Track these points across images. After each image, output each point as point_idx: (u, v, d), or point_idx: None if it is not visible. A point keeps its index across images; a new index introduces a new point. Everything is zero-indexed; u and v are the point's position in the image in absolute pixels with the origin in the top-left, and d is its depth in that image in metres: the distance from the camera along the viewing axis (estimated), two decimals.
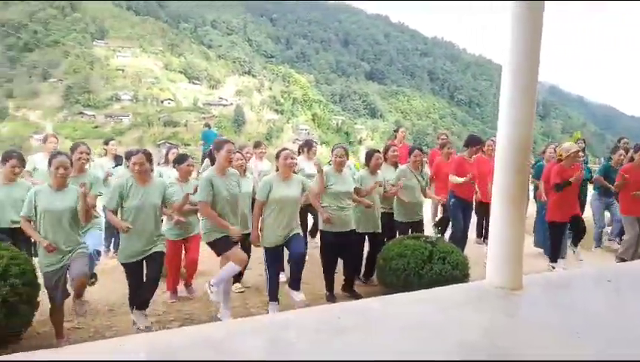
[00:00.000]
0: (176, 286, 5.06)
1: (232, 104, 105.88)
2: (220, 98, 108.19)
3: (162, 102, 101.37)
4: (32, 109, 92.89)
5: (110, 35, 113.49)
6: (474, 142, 6.53)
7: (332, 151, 5.16)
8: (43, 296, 3.92)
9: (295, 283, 4.52)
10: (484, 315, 3.45)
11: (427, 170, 6.61)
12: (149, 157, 4.21)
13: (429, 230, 6.35)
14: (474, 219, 6.99)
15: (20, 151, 4.81)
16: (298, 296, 4.47)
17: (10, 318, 3.40)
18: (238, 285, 5.24)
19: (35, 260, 4.05)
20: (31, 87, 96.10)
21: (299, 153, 6.31)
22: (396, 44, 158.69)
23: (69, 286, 3.95)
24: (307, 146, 6.32)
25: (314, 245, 6.10)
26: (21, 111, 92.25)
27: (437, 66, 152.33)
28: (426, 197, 6.02)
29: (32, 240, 4.30)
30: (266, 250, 4.53)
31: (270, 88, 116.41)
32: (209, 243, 4.33)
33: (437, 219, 7.43)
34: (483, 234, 7.56)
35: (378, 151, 5.61)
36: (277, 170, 4.70)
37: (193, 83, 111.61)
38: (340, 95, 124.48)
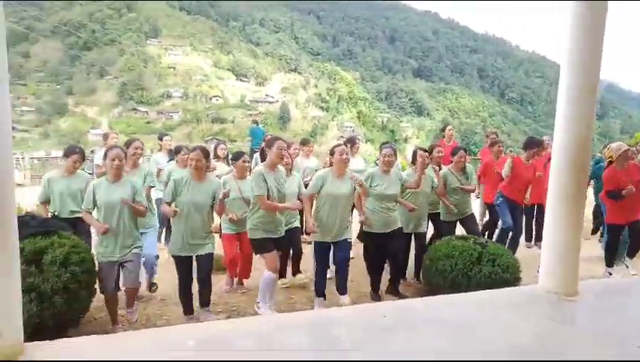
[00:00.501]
0: (233, 278, 5.23)
1: (277, 101, 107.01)
2: (267, 95, 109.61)
3: (211, 99, 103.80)
4: (89, 105, 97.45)
5: (163, 33, 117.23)
6: (533, 145, 6.27)
7: (380, 151, 5.05)
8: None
9: (342, 287, 4.58)
10: (535, 320, 3.33)
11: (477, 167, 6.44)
12: (205, 153, 4.29)
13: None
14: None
15: (81, 147, 5.04)
16: (345, 300, 4.53)
17: (70, 304, 3.58)
18: (283, 280, 5.31)
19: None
20: (89, 84, 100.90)
21: None
22: (445, 41, 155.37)
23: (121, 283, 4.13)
24: (351, 143, 6.31)
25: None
26: (80, 107, 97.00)
27: (487, 63, 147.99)
28: (465, 191, 5.87)
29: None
30: (316, 245, 4.55)
31: (316, 85, 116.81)
32: (251, 240, 4.43)
33: (484, 220, 7.25)
34: (533, 236, 7.33)
35: (425, 150, 5.52)
36: (329, 165, 4.73)
37: (241, 80, 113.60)
38: (385, 92, 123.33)
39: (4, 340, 2.73)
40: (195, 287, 4.32)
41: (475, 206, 6.76)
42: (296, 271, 5.39)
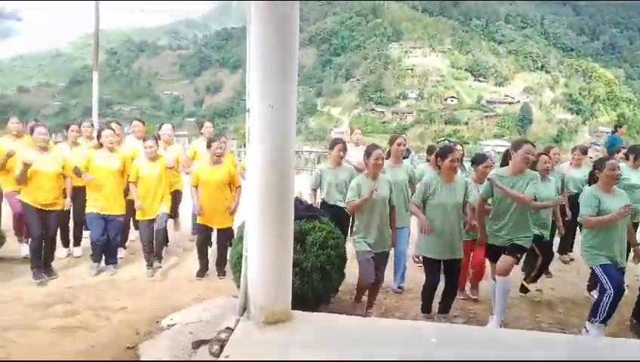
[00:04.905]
0: (463, 284, 5.06)
1: (518, 102, 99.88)
2: (506, 96, 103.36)
3: (446, 99, 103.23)
4: (334, 106, 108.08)
5: (404, 36, 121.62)
6: None
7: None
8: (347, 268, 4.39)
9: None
10: None
11: None
12: None
13: None
14: None
15: (343, 140, 5.49)
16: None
17: (324, 283, 3.97)
18: (535, 292, 4.98)
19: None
20: (335, 86, 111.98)
21: (626, 158, 5.43)
22: None
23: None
24: (635, 153, 5.32)
25: None
26: (326, 107, 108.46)
27: None
28: None
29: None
30: (602, 266, 3.90)
31: (566, 85, 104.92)
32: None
33: None
34: None
35: None
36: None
37: (479, 80, 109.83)
38: None
39: (278, 304, 3.21)
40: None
41: None
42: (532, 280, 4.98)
